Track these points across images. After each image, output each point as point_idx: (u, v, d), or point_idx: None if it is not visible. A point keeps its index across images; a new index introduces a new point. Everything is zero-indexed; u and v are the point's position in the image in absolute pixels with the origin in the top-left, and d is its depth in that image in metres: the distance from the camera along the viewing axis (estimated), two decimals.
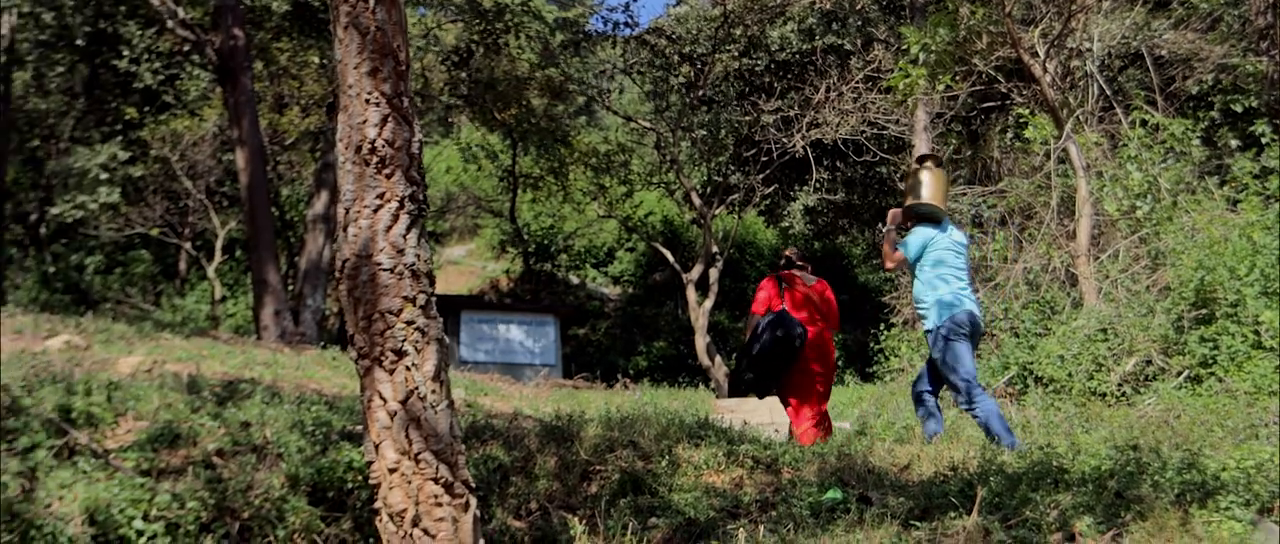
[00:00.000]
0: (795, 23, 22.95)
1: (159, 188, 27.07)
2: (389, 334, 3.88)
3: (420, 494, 3.82)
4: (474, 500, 3.96)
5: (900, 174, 21.35)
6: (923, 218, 7.47)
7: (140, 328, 12.67)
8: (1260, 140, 12.70)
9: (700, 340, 23.35)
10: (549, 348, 27.49)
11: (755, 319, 8.78)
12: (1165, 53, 16.48)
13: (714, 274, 24.22)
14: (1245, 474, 4.65)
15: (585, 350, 31.19)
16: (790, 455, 6.13)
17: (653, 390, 18.85)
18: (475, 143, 31.32)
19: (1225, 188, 12.02)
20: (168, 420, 5.56)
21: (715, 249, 24.55)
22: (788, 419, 8.18)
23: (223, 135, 25.11)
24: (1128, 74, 18.73)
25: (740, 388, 8.83)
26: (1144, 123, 12.44)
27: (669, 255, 26.23)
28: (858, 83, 20.26)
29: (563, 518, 5.15)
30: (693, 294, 24.27)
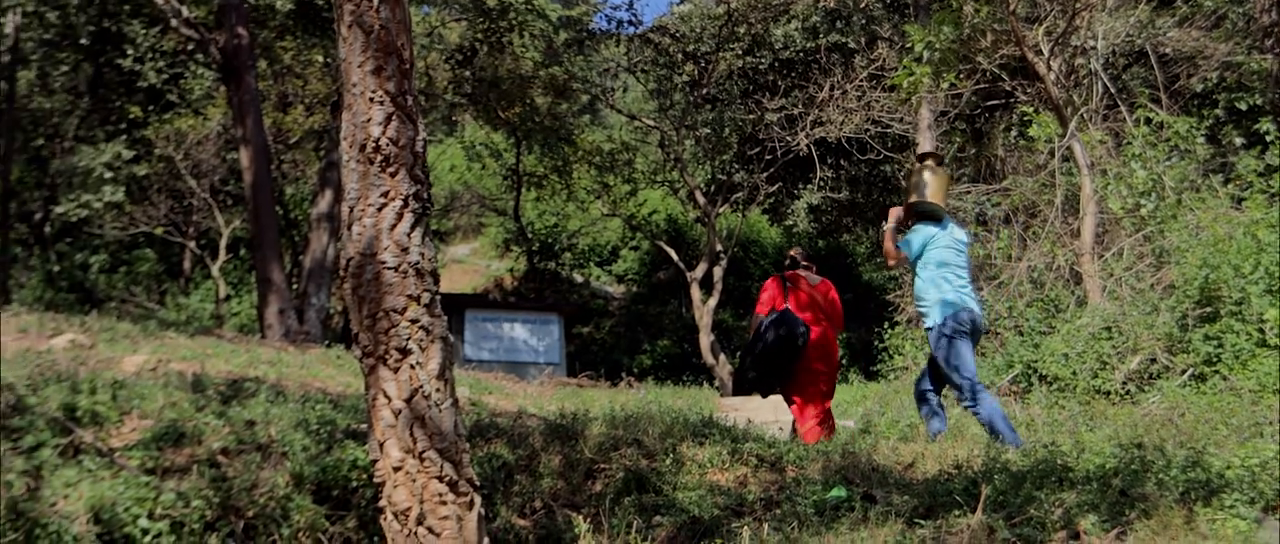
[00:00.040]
0: (799, 21, 22.94)
1: (163, 187, 27.07)
2: (393, 332, 3.88)
3: (425, 492, 3.83)
4: (478, 499, 3.96)
5: (904, 172, 21.31)
6: (924, 216, 7.47)
7: (145, 327, 12.67)
8: (1265, 138, 12.66)
9: (704, 339, 23.35)
10: (553, 346, 27.50)
11: (759, 319, 8.80)
12: (1169, 50, 16.44)
13: (718, 273, 24.21)
14: (1250, 472, 4.65)
15: (589, 349, 31.17)
16: (794, 454, 6.13)
17: (657, 389, 18.85)
18: (479, 141, 31.35)
19: (1230, 186, 11.99)
20: (172, 419, 5.57)
21: (719, 247, 24.54)
22: (791, 417, 8.18)
23: (227, 134, 25.13)
24: (1132, 72, 18.70)
25: (744, 386, 8.84)
26: (1148, 121, 12.42)
27: (673, 254, 26.22)
28: (862, 81, 20.22)
29: (567, 516, 5.15)
30: (697, 293, 24.28)
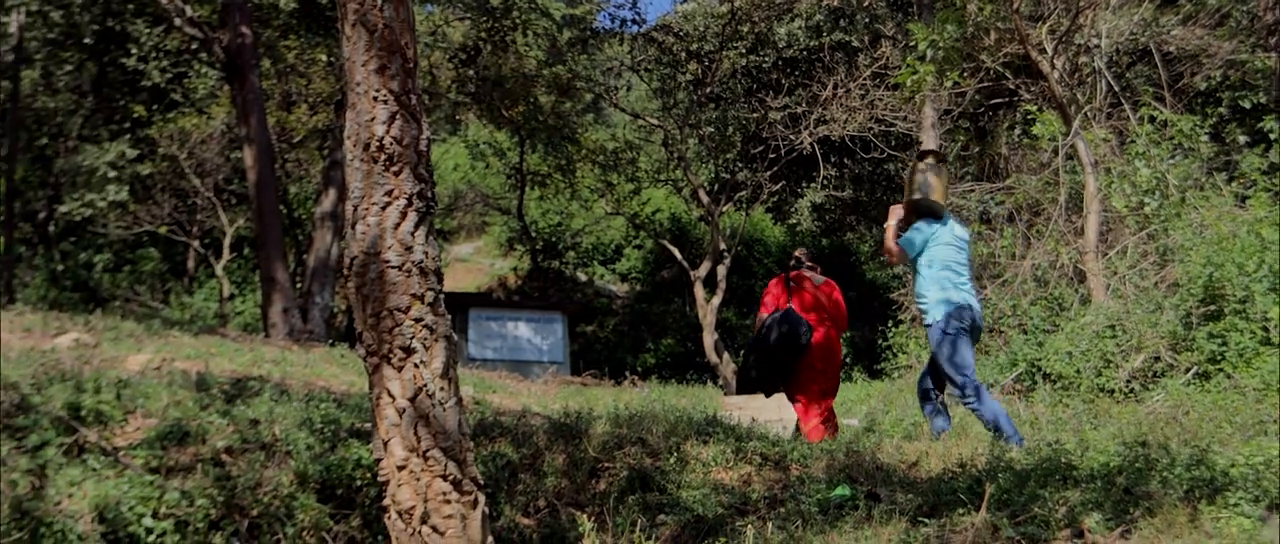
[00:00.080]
0: (803, 19, 22.90)
1: (167, 186, 27.07)
2: (397, 331, 3.88)
3: (429, 491, 3.83)
4: (482, 497, 3.97)
5: (907, 171, 21.31)
6: (925, 213, 7.46)
7: (149, 326, 12.68)
8: (1269, 136, 12.65)
9: (708, 337, 23.34)
10: (557, 345, 27.52)
11: (763, 319, 8.81)
12: (1173, 49, 16.41)
13: (722, 271, 24.22)
14: (1254, 470, 4.64)
15: (593, 348, 31.16)
16: (798, 452, 6.13)
17: (661, 387, 18.83)
18: (483, 140, 31.32)
19: (1233, 184, 11.98)
20: (176, 418, 5.57)
21: (723, 246, 24.54)
22: (795, 415, 8.18)
23: (231, 133, 25.12)
24: (1136, 70, 18.67)
25: (748, 385, 8.84)
26: (1152, 119, 12.41)
27: (677, 253, 26.23)
28: (865, 79, 20.22)
29: (571, 515, 5.15)
30: (701, 291, 24.29)
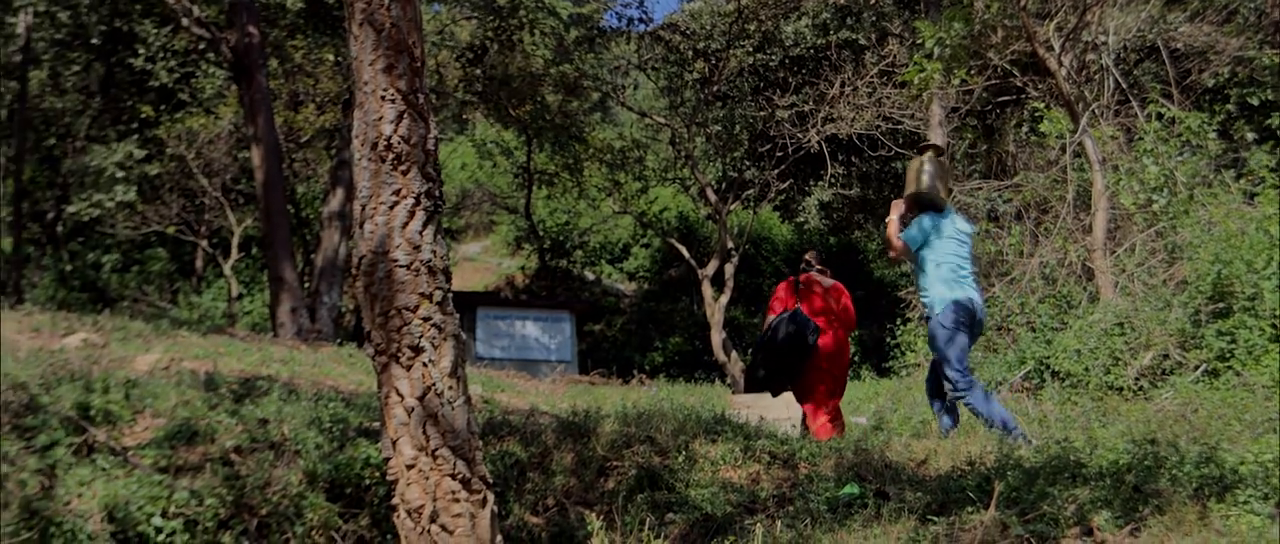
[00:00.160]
0: (810, 17, 22.88)
1: (175, 186, 27.13)
2: (406, 330, 3.88)
3: (438, 490, 3.83)
4: (491, 496, 3.97)
5: (908, 166, 21.26)
6: (926, 206, 7.46)
7: (157, 325, 12.71)
8: (1277, 133, 12.63)
9: (716, 336, 23.33)
10: (565, 344, 27.53)
11: (771, 320, 8.81)
12: (1181, 46, 16.38)
13: (729, 270, 24.19)
14: (1263, 468, 4.63)
15: (601, 346, 31.18)
16: (807, 451, 6.12)
17: (669, 386, 18.84)
18: (490, 139, 31.38)
19: (1242, 181, 11.95)
20: (185, 418, 5.58)
21: (731, 245, 24.52)
22: (803, 413, 8.18)
23: (238, 133, 25.15)
24: (1143, 67, 18.63)
25: (755, 384, 8.84)
26: (1160, 116, 12.38)
27: (684, 251, 26.22)
28: (872, 77, 20.18)
29: (580, 514, 5.15)
30: (708, 290, 24.26)
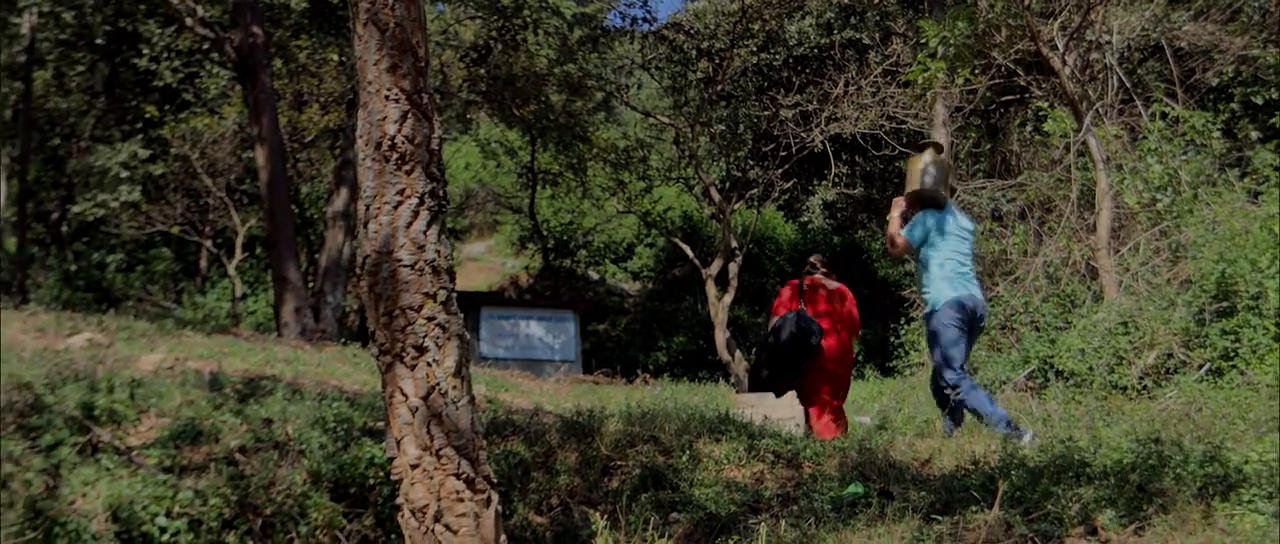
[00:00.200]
0: (813, 17, 22.86)
1: (179, 186, 27.18)
2: (410, 330, 3.88)
3: (442, 490, 3.83)
4: (495, 496, 3.97)
5: (908, 163, 21.24)
6: (926, 204, 7.46)
7: (162, 325, 12.72)
8: None
9: (720, 335, 23.33)
10: (569, 344, 27.55)
11: (775, 321, 8.82)
12: (1185, 45, 16.35)
13: (733, 269, 24.18)
14: (1268, 467, 4.62)
15: (605, 346, 31.19)
16: (811, 450, 6.12)
17: (673, 385, 18.84)
18: (494, 139, 31.38)
19: (1246, 180, 11.93)
20: (190, 417, 5.59)
21: (734, 244, 24.52)
22: (807, 413, 8.19)
23: (242, 133, 25.20)
24: (1147, 66, 18.59)
25: (759, 384, 8.85)
26: (1164, 115, 12.37)
27: (688, 251, 26.20)
28: (876, 77, 20.14)
29: (584, 513, 5.15)
30: (712, 289, 24.26)
